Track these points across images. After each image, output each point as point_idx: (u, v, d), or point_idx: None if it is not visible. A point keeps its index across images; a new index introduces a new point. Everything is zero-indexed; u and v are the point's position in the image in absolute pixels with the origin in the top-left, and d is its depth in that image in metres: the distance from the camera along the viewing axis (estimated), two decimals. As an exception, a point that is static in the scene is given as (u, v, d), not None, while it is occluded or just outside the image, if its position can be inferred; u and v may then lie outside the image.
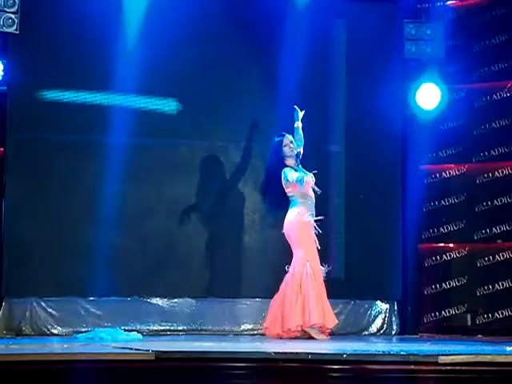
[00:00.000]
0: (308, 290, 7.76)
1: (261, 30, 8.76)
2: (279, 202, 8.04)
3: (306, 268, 7.83)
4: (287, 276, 7.89)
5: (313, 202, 7.99)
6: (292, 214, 7.95)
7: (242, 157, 8.82)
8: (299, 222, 7.92)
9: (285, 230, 7.99)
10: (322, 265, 7.96)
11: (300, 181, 7.86)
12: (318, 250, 7.97)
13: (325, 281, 7.93)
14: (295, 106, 8.14)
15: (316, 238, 7.97)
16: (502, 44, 9.10)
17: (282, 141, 8.05)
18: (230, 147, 8.81)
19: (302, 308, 7.74)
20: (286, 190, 7.97)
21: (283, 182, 7.96)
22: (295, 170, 7.97)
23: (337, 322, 8.02)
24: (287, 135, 8.08)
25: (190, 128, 8.70)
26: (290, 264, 7.92)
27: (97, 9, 8.39)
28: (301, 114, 8.12)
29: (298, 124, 8.15)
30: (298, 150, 8.02)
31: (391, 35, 9.11)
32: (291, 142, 8.05)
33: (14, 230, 8.26)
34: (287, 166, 8.01)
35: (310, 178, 7.97)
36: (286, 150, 8.05)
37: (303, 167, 8.00)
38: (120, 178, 8.33)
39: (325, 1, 8.86)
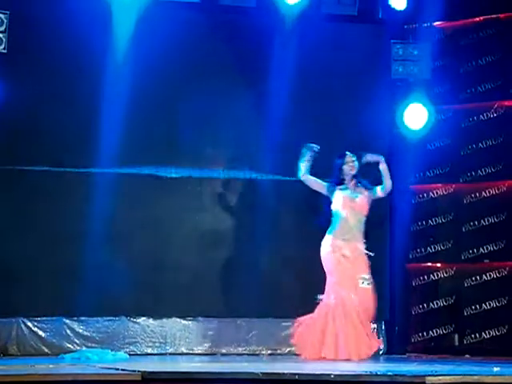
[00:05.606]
0: (326, 323, 7.71)
1: (248, 52, 8.81)
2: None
3: (330, 300, 7.79)
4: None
5: (348, 223, 7.90)
6: (323, 241, 7.92)
7: (229, 177, 8.86)
8: (324, 251, 7.89)
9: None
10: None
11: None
12: None
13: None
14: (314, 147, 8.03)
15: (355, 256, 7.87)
16: (488, 65, 9.14)
17: (344, 157, 8.01)
18: (214, 170, 8.83)
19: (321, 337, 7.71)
20: None
21: None
22: (345, 189, 7.97)
23: (369, 352, 7.78)
24: (349, 154, 8.04)
25: (177, 149, 8.71)
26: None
27: (85, 28, 8.39)
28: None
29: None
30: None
31: (379, 55, 9.14)
32: (352, 162, 8.01)
33: (0, 249, 8.23)
34: (341, 184, 8.02)
35: (348, 198, 7.93)
36: (345, 167, 8.03)
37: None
38: (108, 197, 8.31)
39: (312, 22, 8.89)
